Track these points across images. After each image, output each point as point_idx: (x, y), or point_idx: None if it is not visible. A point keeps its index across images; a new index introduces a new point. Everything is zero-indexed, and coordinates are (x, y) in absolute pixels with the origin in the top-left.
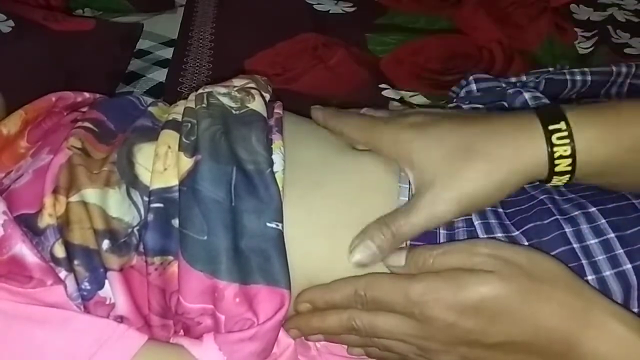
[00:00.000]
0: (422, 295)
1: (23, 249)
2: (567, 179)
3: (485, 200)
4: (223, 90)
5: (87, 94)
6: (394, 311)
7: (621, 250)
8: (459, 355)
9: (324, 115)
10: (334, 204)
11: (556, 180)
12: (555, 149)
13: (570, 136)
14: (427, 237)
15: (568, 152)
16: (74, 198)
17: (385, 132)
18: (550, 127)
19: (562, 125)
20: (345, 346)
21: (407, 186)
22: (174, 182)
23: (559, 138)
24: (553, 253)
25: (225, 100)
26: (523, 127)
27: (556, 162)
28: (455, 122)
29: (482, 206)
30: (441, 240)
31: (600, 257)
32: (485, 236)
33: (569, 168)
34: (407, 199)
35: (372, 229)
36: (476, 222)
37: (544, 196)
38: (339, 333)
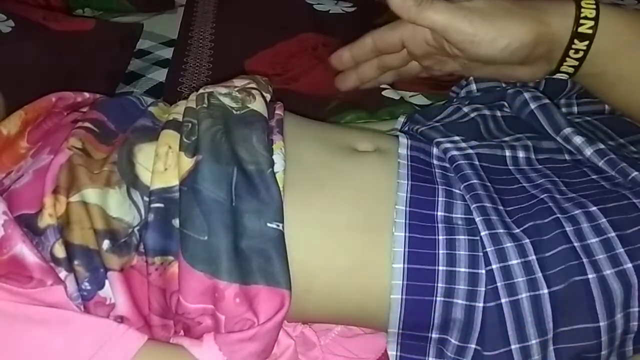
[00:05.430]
0: None
1: (23, 249)
2: (584, 49)
3: (519, 49)
4: (224, 90)
5: (87, 94)
6: None
7: (622, 249)
8: None
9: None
10: (334, 204)
11: (572, 54)
12: (582, 10)
13: (597, 4)
14: (427, 230)
15: (593, 15)
16: (74, 198)
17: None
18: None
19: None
20: (347, 347)
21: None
22: (175, 182)
23: (587, 3)
24: (554, 251)
25: (226, 101)
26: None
27: (581, 21)
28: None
29: (516, 53)
30: (440, 236)
31: (601, 256)
32: (487, 232)
33: (590, 31)
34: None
35: None
36: (477, 219)
37: (545, 195)
38: None
